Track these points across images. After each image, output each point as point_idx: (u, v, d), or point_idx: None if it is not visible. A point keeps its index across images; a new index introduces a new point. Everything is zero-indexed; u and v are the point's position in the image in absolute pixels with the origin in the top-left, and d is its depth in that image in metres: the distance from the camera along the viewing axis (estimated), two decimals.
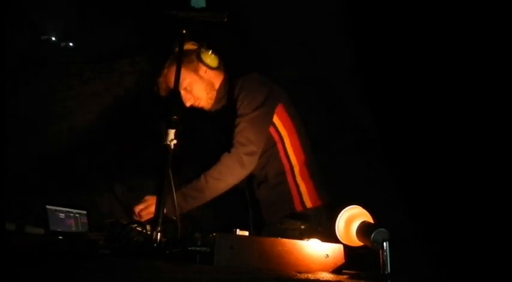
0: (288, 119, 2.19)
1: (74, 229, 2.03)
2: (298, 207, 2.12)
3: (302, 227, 1.97)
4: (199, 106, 2.22)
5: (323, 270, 1.38)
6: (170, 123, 1.58)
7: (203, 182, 2.03)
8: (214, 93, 2.21)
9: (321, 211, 2.11)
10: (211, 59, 2.19)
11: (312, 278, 1.21)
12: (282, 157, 2.16)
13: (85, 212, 2.14)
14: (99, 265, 1.17)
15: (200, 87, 2.18)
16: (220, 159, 2.05)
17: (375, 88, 3.01)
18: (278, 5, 3.12)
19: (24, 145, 3.05)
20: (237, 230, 1.43)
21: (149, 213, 2.00)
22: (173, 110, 1.61)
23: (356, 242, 1.44)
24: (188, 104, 2.17)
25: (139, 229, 1.71)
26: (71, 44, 3.37)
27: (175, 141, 1.56)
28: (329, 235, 1.47)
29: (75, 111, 3.28)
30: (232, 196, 2.26)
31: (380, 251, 1.32)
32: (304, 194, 2.13)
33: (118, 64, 3.37)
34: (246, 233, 1.45)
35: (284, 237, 1.44)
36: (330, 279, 1.25)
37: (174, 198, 1.63)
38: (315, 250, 1.40)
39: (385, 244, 1.32)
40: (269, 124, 2.13)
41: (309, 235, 1.49)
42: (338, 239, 1.46)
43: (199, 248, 1.35)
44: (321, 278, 1.22)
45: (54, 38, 3.33)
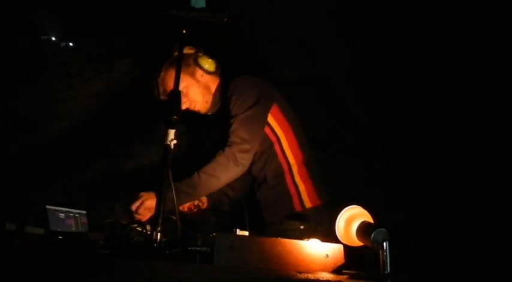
0: (284, 119, 2.19)
1: (74, 229, 2.03)
2: (297, 207, 2.12)
3: (301, 227, 1.97)
4: (195, 109, 2.24)
5: (323, 270, 1.38)
6: (170, 123, 1.59)
7: (196, 178, 2.04)
8: (210, 97, 2.23)
9: (321, 211, 2.11)
10: (208, 64, 2.20)
11: (312, 278, 1.21)
12: (280, 158, 2.17)
13: (85, 212, 2.14)
14: (99, 265, 1.17)
15: (196, 90, 2.20)
16: (214, 157, 2.05)
17: (375, 88, 3.01)
18: (278, 5, 3.11)
19: (24, 145, 3.05)
20: (237, 230, 1.43)
21: (146, 208, 2.00)
22: (173, 110, 1.61)
23: (356, 242, 1.44)
24: (184, 107, 2.17)
25: (139, 229, 1.71)
26: (71, 44, 3.37)
27: (175, 141, 1.57)
28: (329, 235, 1.47)
29: (75, 111, 3.28)
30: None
31: (380, 251, 1.32)
32: (303, 194, 2.14)
33: (118, 64, 3.37)
34: (246, 233, 1.45)
35: (284, 237, 1.44)
36: (330, 279, 1.25)
37: (174, 198, 1.63)
38: (315, 250, 1.40)
39: (385, 244, 1.32)
40: (263, 123, 2.13)
41: (309, 235, 1.49)
42: (338, 239, 1.46)
43: (199, 248, 1.35)
44: (321, 278, 1.22)
45: (54, 38, 3.33)
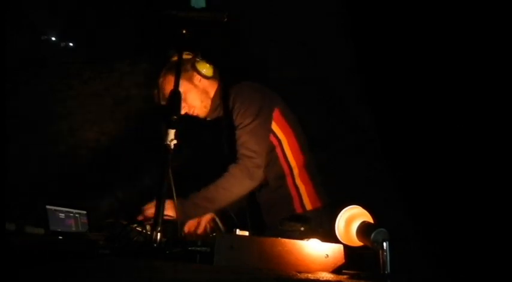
0: (285, 123, 2.21)
1: (74, 229, 2.03)
2: (298, 209, 2.14)
3: (302, 229, 1.98)
4: (193, 114, 2.24)
5: (323, 270, 1.38)
6: (170, 123, 1.58)
7: (213, 193, 2.05)
8: (209, 101, 2.23)
9: (321, 213, 2.12)
10: (206, 68, 2.21)
11: (312, 278, 1.21)
12: (281, 161, 2.18)
13: (85, 212, 2.14)
14: (99, 265, 1.17)
15: (195, 95, 2.20)
16: (228, 170, 2.06)
17: (375, 88, 3.01)
18: (278, 5, 3.11)
19: (24, 145, 3.05)
20: (237, 230, 1.43)
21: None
22: (173, 110, 1.61)
23: (356, 242, 1.44)
24: (182, 112, 2.18)
25: (139, 229, 1.71)
26: (71, 44, 3.37)
27: (175, 141, 1.56)
28: (329, 236, 1.47)
29: (75, 111, 3.28)
30: None
31: (380, 251, 1.32)
32: (304, 196, 2.15)
33: (118, 64, 3.38)
34: (246, 233, 1.45)
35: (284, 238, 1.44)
36: (330, 279, 1.25)
37: (175, 200, 1.64)
38: (315, 250, 1.40)
39: (385, 244, 1.32)
40: (269, 131, 2.16)
41: (309, 237, 1.49)
42: (338, 240, 1.46)
43: (199, 248, 1.35)
44: (321, 278, 1.22)
45: (54, 38, 3.33)
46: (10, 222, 1.77)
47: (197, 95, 2.21)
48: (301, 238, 1.47)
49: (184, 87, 2.16)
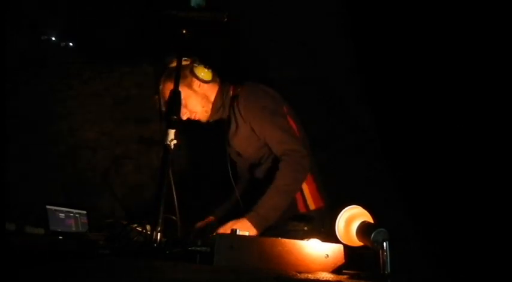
0: (292, 122, 2.21)
1: (74, 229, 2.04)
2: (301, 209, 2.15)
3: (305, 229, 1.98)
4: (195, 119, 2.24)
5: (323, 270, 1.38)
6: (170, 123, 1.58)
7: (276, 198, 2.01)
8: (210, 105, 2.23)
9: (324, 212, 2.13)
10: (204, 73, 2.20)
11: (312, 278, 1.21)
12: None
13: (85, 212, 2.14)
14: (99, 265, 1.17)
15: (195, 101, 2.20)
16: (280, 170, 2.04)
17: (375, 88, 3.01)
18: (278, 5, 3.11)
19: (24, 145, 3.05)
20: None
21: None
22: (173, 110, 1.61)
23: (356, 242, 1.44)
24: (184, 118, 2.18)
25: (139, 229, 1.71)
26: (71, 44, 3.37)
27: (175, 141, 1.56)
28: (332, 236, 1.48)
29: (75, 111, 3.28)
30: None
31: (380, 251, 1.32)
32: (307, 197, 2.17)
33: (118, 64, 3.37)
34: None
35: (288, 238, 1.44)
36: (330, 279, 1.25)
37: (175, 200, 1.64)
38: (315, 250, 1.40)
39: (385, 244, 1.32)
40: (288, 121, 2.16)
41: (312, 236, 1.49)
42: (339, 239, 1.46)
43: (199, 248, 1.35)
44: (321, 278, 1.22)
45: (54, 38, 3.33)
46: (10, 222, 1.77)
47: (198, 101, 2.21)
48: (304, 238, 1.47)
49: (184, 93, 2.15)
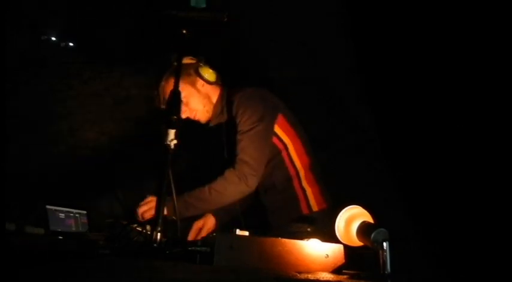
0: (289, 127, 2.22)
1: (74, 229, 2.04)
2: (304, 210, 2.16)
3: (308, 230, 1.99)
4: (195, 118, 2.25)
5: (323, 270, 1.38)
6: (170, 123, 1.58)
7: (207, 194, 2.06)
8: (211, 106, 2.24)
9: (327, 214, 2.13)
10: (209, 74, 2.22)
11: (312, 278, 1.21)
12: (288, 164, 2.20)
13: (85, 212, 2.14)
14: (99, 265, 1.17)
15: (197, 100, 2.21)
16: (224, 174, 2.07)
17: (375, 88, 3.01)
18: (278, 5, 3.11)
19: (24, 145, 3.05)
20: (237, 230, 1.43)
21: (152, 214, 2.02)
22: (173, 110, 1.61)
23: (356, 242, 1.44)
24: (184, 116, 2.18)
25: (139, 229, 1.71)
26: (71, 44, 3.37)
27: (175, 141, 1.56)
28: (335, 237, 1.48)
29: (75, 111, 3.28)
30: None
31: (380, 251, 1.32)
32: (310, 198, 2.18)
33: (118, 64, 3.37)
34: (246, 233, 1.45)
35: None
36: (330, 279, 1.25)
37: (174, 200, 1.64)
38: (315, 250, 1.40)
39: (385, 244, 1.32)
40: (270, 138, 2.16)
41: (315, 237, 1.49)
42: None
43: (199, 248, 1.35)
44: (321, 278, 1.22)
45: (54, 38, 3.33)
46: (10, 222, 1.77)
47: (199, 100, 2.22)
48: (307, 239, 1.47)
49: (186, 91, 2.17)
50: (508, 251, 2.36)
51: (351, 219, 1.45)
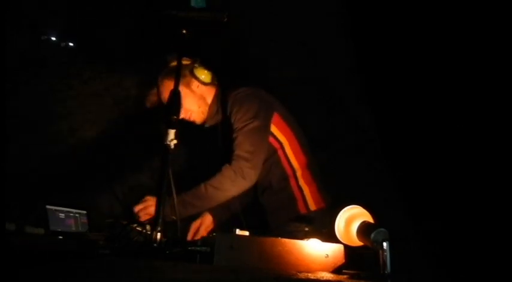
0: (285, 126, 2.22)
1: (74, 229, 2.04)
2: (302, 210, 2.16)
3: (306, 229, 1.99)
4: (190, 119, 2.25)
5: (323, 270, 1.38)
6: (170, 123, 1.59)
7: (203, 191, 2.06)
8: (206, 107, 2.25)
9: (325, 213, 2.13)
10: (204, 75, 2.22)
11: (312, 278, 1.21)
12: (284, 163, 2.20)
13: (85, 212, 2.14)
14: (99, 265, 1.17)
15: (192, 101, 2.21)
16: (221, 170, 2.07)
17: (375, 88, 3.01)
18: (278, 5, 3.11)
19: (24, 145, 3.04)
20: (237, 230, 1.43)
21: (147, 213, 2.02)
22: (173, 110, 1.61)
23: (356, 242, 1.44)
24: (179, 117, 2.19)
25: (139, 229, 1.71)
26: (71, 44, 3.36)
27: (175, 141, 1.57)
28: (333, 237, 1.48)
29: (75, 111, 3.28)
30: None
31: (380, 251, 1.32)
32: (307, 197, 2.17)
33: (118, 64, 3.37)
34: (246, 233, 1.45)
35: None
36: (330, 279, 1.25)
37: (174, 199, 1.64)
38: (315, 250, 1.40)
39: (385, 244, 1.32)
40: (267, 135, 2.16)
41: (313, 237, 1.49)
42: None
43: (199, 248, 1.35)
44: (321, 278, 1.22)
45: (54, 38, 3.32)
46: (10, 222, 1.77)
47: (194, 101, 2.22)
48: (305, 238, 1.47)
49: (181, 92, 2.17)
50: (508, 251, 2.37)
51: (351, 219, 1.45)
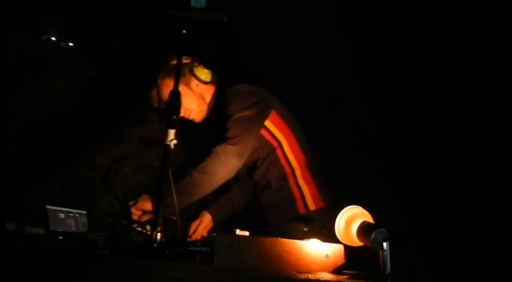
0: (283, 124, 2.22)
1: (74, 229, 2.04)
2: (301, 209, 2.16)
3: (305, 229, 1.99)
4: (189, 118, 2.26)
5: (323, 270, 1.38)
6: (170, 123, 1.59)
7: (193, 177, 2.05)
8: (205, 106, 2.25)
9: (325, 213, 2.13)
10: (204, 74, 2.23)
11: (312, 278, 1.21)
12: (283, 162, 2.20)
13: (85, 212, 2.14)
14: (99, 265, 1.17)
15: (191, 99, 2.22)
16: (211, 153, 2.08)
17: (375, 88, 3.01)
18: (278, 5, 3.11)
19: (24, 145, 3.04)
20: (237, 230, 1.43)
21: (137, 208, 2.02)
22: (173, 110, 1.61)
23: (356, 242, 1.44)
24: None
25: (139, 229, 1.71)
26: (71, 44, 3.36)
27: (175, 141, 1.57)
28: (333, 237, 1.48)
29: (75, 111, 3.28)
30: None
31: (380, 251, 1.32)
32: (307, 197, 2.17)
33: (117, 64, 3.37)
34: (246, 233, 1.45)
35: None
36: (330, 279, 1.25)
37: (174, 200, 1.64)
38: (315, 250, 1.40)
39: (385, 244, 1.32)
40: (259, 124, 2.15)
41: (312, 237, 1.50)
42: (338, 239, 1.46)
43: (199, 248, 1.35)
44: (321, 278, 1.22)
45: (54, 38, 3.32)
46: (10, 222, 1.77)
47: (194, 99, 2.23)
48: (304, 238, 1.47)
49: (181, 91, 2.17)
50: (508, 251, 2.37)
51: (351, 219, 1.46)
